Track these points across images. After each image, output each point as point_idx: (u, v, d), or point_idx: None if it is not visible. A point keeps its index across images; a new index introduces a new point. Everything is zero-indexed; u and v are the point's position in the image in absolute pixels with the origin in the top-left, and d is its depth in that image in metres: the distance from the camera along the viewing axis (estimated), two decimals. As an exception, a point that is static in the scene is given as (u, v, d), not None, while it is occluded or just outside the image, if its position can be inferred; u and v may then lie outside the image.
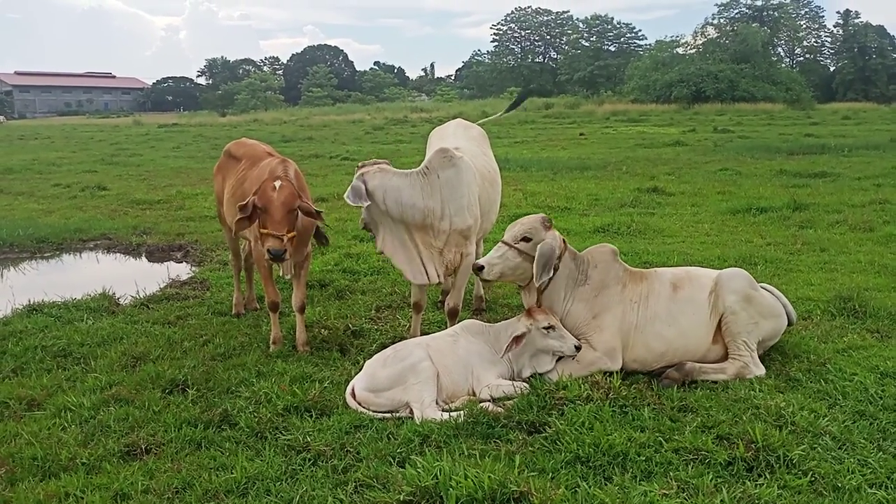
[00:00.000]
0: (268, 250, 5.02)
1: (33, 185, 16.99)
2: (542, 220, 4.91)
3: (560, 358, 4.72)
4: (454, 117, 8.26)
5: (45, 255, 10.19)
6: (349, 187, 5.09)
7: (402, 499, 3.28)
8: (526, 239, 4.84)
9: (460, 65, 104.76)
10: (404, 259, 5.24)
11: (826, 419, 4.09)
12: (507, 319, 5.00)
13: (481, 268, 4.88)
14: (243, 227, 5.29)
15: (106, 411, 4.49)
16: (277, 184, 5.09)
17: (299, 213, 5.22)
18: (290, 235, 5.07)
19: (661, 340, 4.78)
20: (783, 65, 65.07)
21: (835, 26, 73.85)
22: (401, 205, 5.09)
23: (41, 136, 37.14)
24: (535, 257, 4.73)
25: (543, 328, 4.68)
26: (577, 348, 4.71)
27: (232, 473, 3.69)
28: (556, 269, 4.84)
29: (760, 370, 4.78)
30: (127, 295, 7.33)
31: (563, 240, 4.93)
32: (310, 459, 3.86)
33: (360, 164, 5.32)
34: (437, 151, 5.26)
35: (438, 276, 5.31)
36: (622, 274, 4.97)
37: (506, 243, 4.87)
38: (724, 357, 4.85)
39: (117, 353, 5.53)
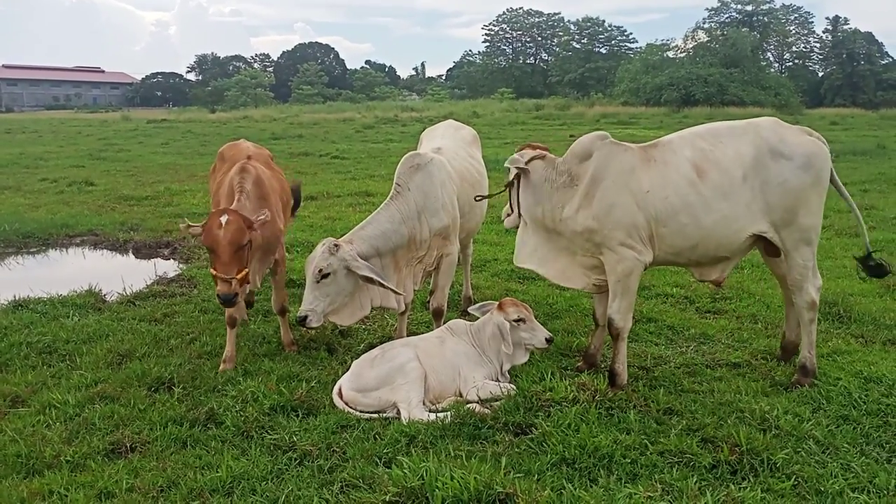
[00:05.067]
0: (217, 295, 4.69)
1: (20, 180, 16.84)
2: (519, 155, 4.88)
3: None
4: (445, 117, 8.27)
5: (31, 250, 10.10)
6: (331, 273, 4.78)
7: (388, 499, 3.28)
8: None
9: (451, 65, 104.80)
10: (389, 300, 5.09)
11: (810, 423, 4.12)
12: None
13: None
14: None
15: (91, 409, 4.47)
16: (223, 219, 4.68)
17: (251, 240, 4.84)
18: (241, 276, 4.72)
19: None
20: (772, 70, 65.41)
21: (824, 32, 74.25)
22: (392, 243, 5.04)
23: (28, 129, 36.80)
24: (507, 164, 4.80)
25: (514, 321, 4.71)
26: (549, 341, 4.74)
27: (217, 472, 3.68)
28: (519, 181, 4.77)
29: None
30: (113, 292, 7.29)
31: (545, 154, 4.83)
32: (296, 459, 3.86)
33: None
34: (403, 161, 5.27)
35: (416, 285, 5.32)
36: (624, 157, 4.62)
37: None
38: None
39: (103, 351, 5.50)
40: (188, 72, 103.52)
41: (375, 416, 4.36)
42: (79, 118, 51.92)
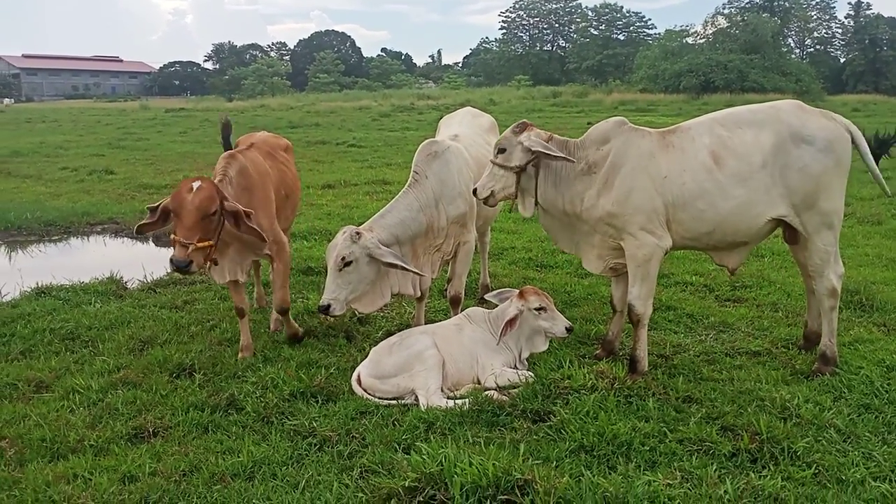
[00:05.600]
0: (170, 259, 4.39)
1: (41, 168, 17.02)
2: (513, 128, 4.80)
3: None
4: (461, 105, 8.26)
5: (53, 238, 10.23)
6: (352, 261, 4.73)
7: (406, 485, 3.29)
8: (501, 150, 4.76)
9: (468, 52, 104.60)
10: (406, 287, 5.10)
11: (831, 412, 4.10)
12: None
13: (474, 190, 4.89)
14: (149, 230, 4.71)
15: (114, 394, 4.53)
16: (196, 185, 4.47)
17: (226, 217, 4.61)
18: (202, 245, 4.43)
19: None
20: (793, 56, 64.54)
21: (846, 17, 73.23)
22: (411, 231, 5.04)
23: (48, 119, 37.16)
24: (541, 152, 4.62)
25: (535, 309, 4.70)
26: (569, 330, 4.74)
27: (238, 457, 3.72)
28: (537, 167, 4.73)
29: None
30: (134, 279, 7.37)
31: (550, 134, 4.78)
32: (315, 444, 3.89)
33: None
34: (420, 149, 5.25)
35: (433, 273, 5.33)
36: (642, 142, 4.60)
37: (490, 161, 4.84)
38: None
39: (125, 337, 5.56)
40: (205, 60, 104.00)
41: (394, 402, 4.38)
42: (98, 107, 52.33)
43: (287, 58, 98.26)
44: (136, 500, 3.35)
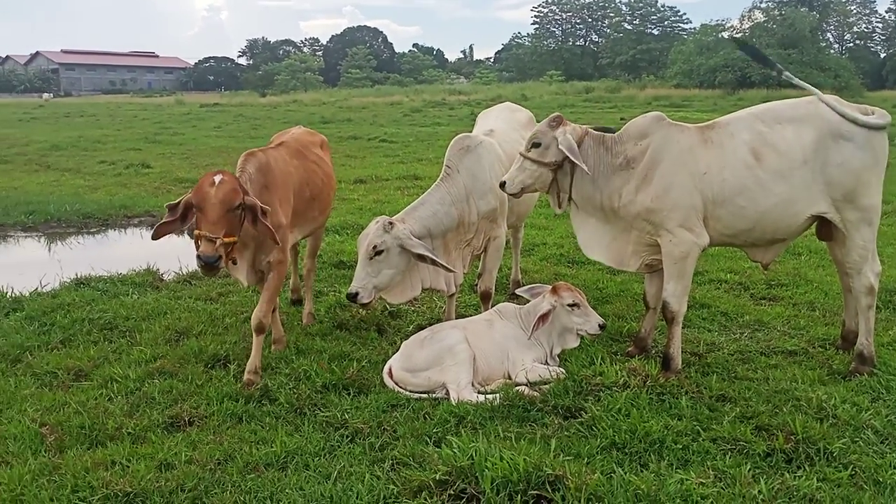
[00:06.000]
0: (198, 256, 4.20)
1: (79, 162, 17.36)
2: (549, 122, 4.68)
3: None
4: (492, 100, 8.27)
5: (92, 230, 10.44)
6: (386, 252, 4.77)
7: (437, 478, 3.31)
8: (536, 144, 4.65)
9: (500, 47, 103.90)
10: (438, 282, 5.12)
11: (868, 413, 4.03)
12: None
13: (503, 183, 4.75)
14: (169, 230, 4.47)
15: (151, 383, 4.61)
16: (218, 178, 4.33)
17: (246, 213, 4.42)
18: (228, 240, 4.27)
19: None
20: (832, 51, 63.19)
21: (887, 12, 71.72)
22: (443, 225, 5.06)
23: (87, 113, 37.84)
24: (566, 152, 4.52)
25: (568, 305, 4.68)
26: (602, 327, 4.72)
27: (272, 447, 3.77)
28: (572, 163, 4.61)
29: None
30: (170, 271, 7.50)
31: (586, 129, 4.72)
32: (347, 436, 3.92)
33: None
34: (452, 144, 5.26)
35: (464, 268, 5.33)
36: (682, 137, 4.55)
37: (520, 154, 4.73)
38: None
39: (161, 328, 5.66)
40: (239, 56, 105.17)
41: (425, 396, 4.40)
42: (134, 102, 53.18)
43: (319, 53, 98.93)
44: (171, 487, 3.41)
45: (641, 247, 4.72)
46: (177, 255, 7.80)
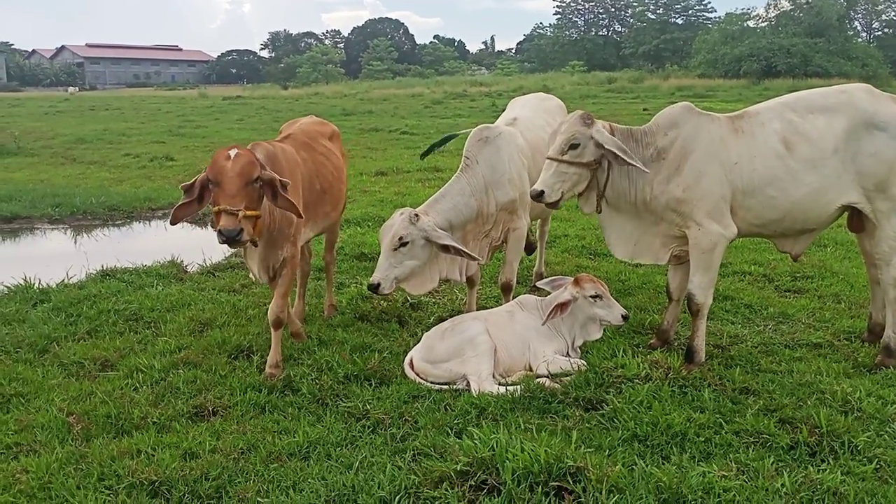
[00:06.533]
0: (219, 231, 4.01)
1: (104, 155, 17.56)
2: (583, 119, 4.49)
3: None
4: (514, 91, 8.26)
5: (117, 222, 10.57)
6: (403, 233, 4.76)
7: (458, 469, 3.32)
8: (574, 146, 4.45)
9: (521, 38, 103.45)
10: (454, 271, 5.14)
11: (894, 406, 3.98)
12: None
13: (540, 193, 4.45)
14: (187, 212, 4.35)
15: (175, 374, 4.67)
16: (233, 152, 4.19)
17: (265, 191, 4.28)
18: (251, 213, 4.12)
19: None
20: (860, 39, 62.11)
21: (917, -2, 70.08)
22: (463, 216, 5.06)
23: (111, 107, 38.22)
24: (612, 152, 4.37)
25: (591, 297, 4.67)
26: (625, 318, 4.70)
27: (294, 437, 3.80)
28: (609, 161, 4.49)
29: None
30: (194, 263, 7.58)
31: (611, 124, 4.62)
32: (369, 427, 3.95)
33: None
34: (472, 134, 5.25)
35: (483, 259, 5.32)
36: (712, 127, 4.50)
37: (554, 159, 4.47)
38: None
39: (185, 319, 5.72)
40: (261, 49, 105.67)
41: (446, 387, 4.41)
42: (158, 95, 53.60)
43: (341, 45, 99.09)
44: (196, 476, 3.45)
45: (669, 239, 4.68)
46: (200, 247, 7.88)
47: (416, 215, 4.80)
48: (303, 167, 5.03)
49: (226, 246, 4.16)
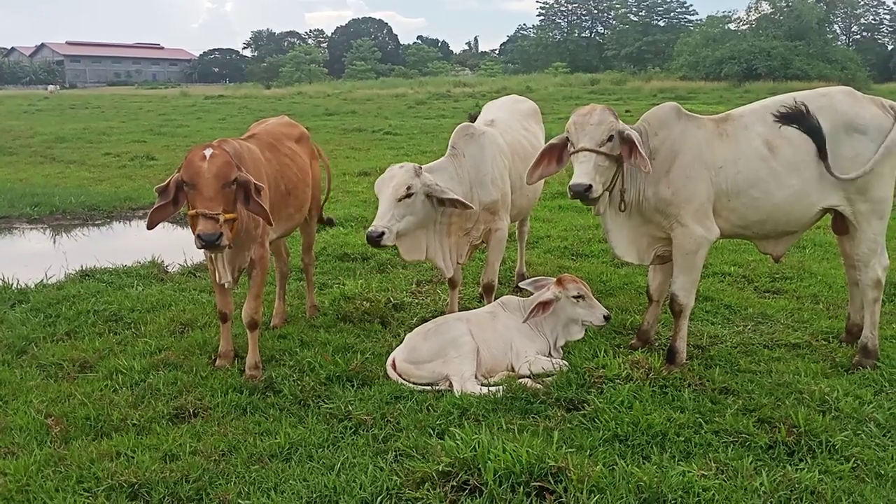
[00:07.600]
0: (198, 236, 3.94)
1: (84, 154, 17.39)
2: (612, 112, 4.41)
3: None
4: (497, 92, 8.27)
5: (97, 222, 10.47)
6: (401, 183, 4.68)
7: (440, 469, 3.33)
8: (610, 138, 4.32)
9: (505, 39, 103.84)
10: (437, 255, 5.11)
11: (871, 406, 4.03)
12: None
13: (588, 188, 4.19)
14: (163, 215, 4.27)
15: (155, 375, 4.63)
16: (208, 152, 4.06)
17: (240, 191, 4.16)
18: (228, 216, 4.01)
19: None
20: (839, 42, 62.99)
21: (894, 3, 71.30)
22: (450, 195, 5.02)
23: (91, 105, 37.88)
24: (636, 146, 4.28)
25: (573, 297, 4.69)
26: (607, 318, 4.73)
27: (276, 438, 3.79)
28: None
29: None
30: (175, 263, 7.53)
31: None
32: (351, 428, 3.94)
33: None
34: (457, 130, 5.22)
35: (461, 258, 5.31)
36: (699, 133, 4.51)
37: (590, 150, 4.28)
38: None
39: (166, 319, 5.68)
40: (244, 48, 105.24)
41: (428, 388, 4.41)
42: (139, 94, 53.22)
43: (324, 45, 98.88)
44: (176, 478, 3.42)
45: (654, 240, 4.70)
46: (181, 247, 7.82)
47: (420, 167, 4.77)
48: (267, 167, 4.89)
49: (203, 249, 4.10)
